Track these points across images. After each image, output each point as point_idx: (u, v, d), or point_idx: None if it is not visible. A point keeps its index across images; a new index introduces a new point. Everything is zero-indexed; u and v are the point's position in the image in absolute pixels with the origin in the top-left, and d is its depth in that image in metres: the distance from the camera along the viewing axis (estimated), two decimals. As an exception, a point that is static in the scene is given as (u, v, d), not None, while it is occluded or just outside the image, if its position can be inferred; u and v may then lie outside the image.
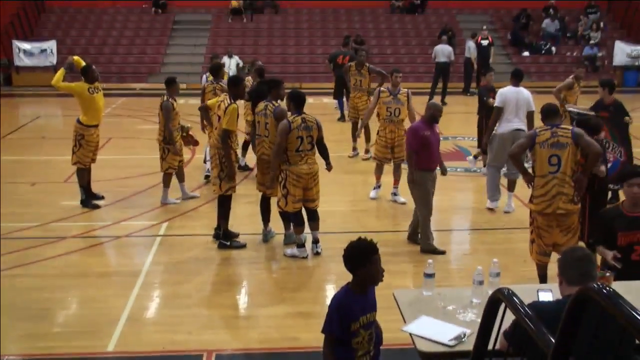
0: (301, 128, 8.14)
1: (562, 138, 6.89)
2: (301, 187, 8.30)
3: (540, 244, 7.08)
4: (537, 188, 7.00)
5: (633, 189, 5.57)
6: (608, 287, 2.57)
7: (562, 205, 6.89)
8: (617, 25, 28.27)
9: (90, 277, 8.00)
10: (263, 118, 8.77)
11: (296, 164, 8.20)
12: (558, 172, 6.89)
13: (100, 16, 27.55)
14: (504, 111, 10.16)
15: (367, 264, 4.31)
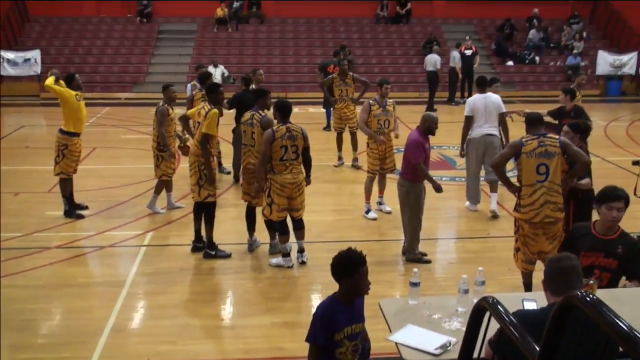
0: (285, 137, 8.12)
1: (550, 147, 6.91)
2: (285, 196, 8.28)
3: (526, 252, 7.09)
4: (524, 197, 7.00)
5: (612, 212, 5.38)
6: (592, 294, 2.58)
7: (550, 214, 6.92)
8: (599, 35, 28.52)
9: (74, 288, 7.95)
10: (249, 127, 8.79)
11: (280, 173, 8.18)
12: (546, 180, 6.91)
13: (84, 25, 27.45)
14: (474, 118, 10.51)
15: (354, 275, 4.31)
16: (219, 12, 27.41)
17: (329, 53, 26.11)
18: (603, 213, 5.43)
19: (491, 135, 10.50)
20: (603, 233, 5.47)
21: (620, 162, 13.85)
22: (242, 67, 25.84)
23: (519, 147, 7.01)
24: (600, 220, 5.52)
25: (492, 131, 10.52)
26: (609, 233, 5.47)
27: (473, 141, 10.61)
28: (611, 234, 5.47)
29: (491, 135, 10.51)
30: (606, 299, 2.53)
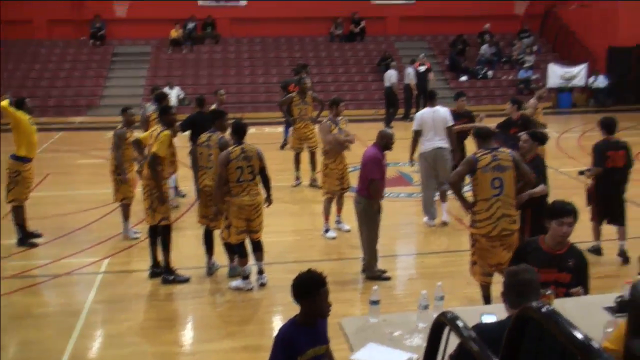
0: (240, 158, 8.08)
1: (503, 161, 7.04)
2: (243, 218, 8.22)
3: (484, 265, 7.15)
4: (481, 212, 7.06)
5: (563, 227, 5.32)
6: (548, 305, 2.58)
7: (506, 227, 7.00)
8: (549, 49, 29.11)
9: (29, 318, 7.76)
10: (206, 149, 8.72)
11: (238, 195, 8.13)
12: (501, 194, 7.00)
13: (36, 49, 27.13)
14: (423, 132, 10.71)
15: (315, 296, 4.27)
16: (173, 34, 27.33)
17: (285, 72, 26.24)
18: (554, 229, 5.34)
19: (441, 148, 10.72)
20: (553, 248, 5.39)
21: (573, 172, 14.04)
22: (197, 88, 25.73)
23: (473, 163, 7.09)
24: (550, 236, 5.41)
25: (442, 144, 10.72)
26: (559, 247, 5.39)
27: (424, 155, 10.80)
28: (561, 248, 5.40)
29: (441, 148, 10.72)
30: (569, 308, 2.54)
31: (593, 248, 9.51)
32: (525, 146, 7.90)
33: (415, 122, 10.98)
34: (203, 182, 8.83)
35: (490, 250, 7.08)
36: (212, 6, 28.03)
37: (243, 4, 28.15)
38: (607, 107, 24.73)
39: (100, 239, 10.43)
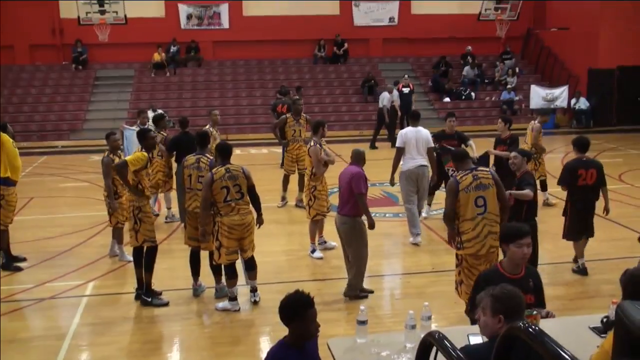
0: (225, 178, 8.09)
1: (484, 179, 7.21)
2: (235, 238, 8.21)
3: (469, 285, 7.07)
4: (467, 232, 7.16)
5: (522, 249, 5.24)
6: (534, 325, 2.61)
7: (493, 244, 7.09)
8: (532, 70, 29.43)
9: (13, 343, 7.67)
10: (195, 171, 8.72)
11: (227, 214, 8.13)
12: (485, 212, 7.15)
13: (18, 74, 27.05)
14: (406, 150, 11.00)
15: (303, 317, 4.24)
16: (156, 57, 27.36)
17: (269, 94, 26.36)
18: (513, 252, 5.27)
19: (423, 166, 11.10)
20: (513, 272, 5.31)
21: (557, 192, 14.16)
22: (181, 110, 25.74)
23: (455, 187, 7.23)
24: (509, 259, 5.35)
25: (424, 162, 11.10)
26: (518, 270, 5.34)
27: (407, 172, 11.05)
28: (520, 270, 5.35)
29: (423, 166, 11.10)
30: (553, 328, 2.57)
31: (578, 268, 9.70)
32: (516, 162, 8.27)
33: (399, 140, 11.20)
34: (192, 204, 8.79)
35: (477, 268, 7.12)
36: (194, 29, 28.11)
37: (226, 27, 28.24)
38: (589, 128, 24.98)
39: (85, 262, 10.38)
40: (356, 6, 28.88)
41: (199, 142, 9.02)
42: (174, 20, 27.88)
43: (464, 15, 28.26)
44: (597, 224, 11.28)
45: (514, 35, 29.03)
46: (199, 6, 28.09)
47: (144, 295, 8.65)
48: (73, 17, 25.51)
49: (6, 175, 9.97)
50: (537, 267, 7.99)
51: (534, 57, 29.64)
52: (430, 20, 28.54)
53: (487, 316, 4.06)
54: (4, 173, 9.96)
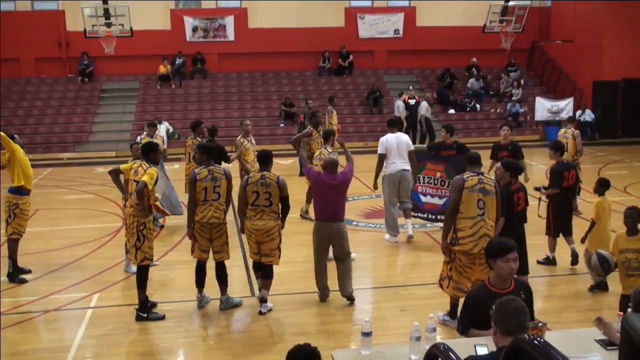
0: (258, 184, 8.53)
1: (488, 185, 7.71)
2: (254, 242, 8.65)
3: (461, 280, 7.66)
4: (465, 229, 7.58)
5: (510, 264, 5.22)
6: (540, 337, 2.60)
7: (485, 246, 6.91)
8: (537, 82, 29.42)
9: (17, 356, 7.67)
10: (211, 183, 8.64)
11: (251, 218, 8.57)
12: (484, 215, 7.62)
13: (24, 87, 27.17)
14: (388, 155, 11.54)
15: None
16: (161, 69, 27.46)
17: (273, 106, 26.43)
18: (500, 267, 5.25)
19: (405, 170, 11.62)
20: (502, 287, 5.27)
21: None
22: (186, 122, 25.76)
23: (461, 184, 7.68)
24: (497, 275, 5.32)
25: (405, 166, 11.63)
26: (507, 285, 5.31)
27: (389, 176, 11.60)
28: (509, 285, 5.32)
29: (405, 170, 11.62)
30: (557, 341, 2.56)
31: (545, 260, 10.47)
32: (498, 173, 8.80)
33: (380, 147, 11.71)
34: (207, 215, 8.61)
35: (471, 267, 7.59)
36: (200, 42, 28.22)
37: (231, 40, 28.35)
38: (594, 140, 24.96)
39: (90, 274, 10.38)
40: (361, 18, 28.95)
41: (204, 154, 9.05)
42: (180, 33, 27.99)
43: (469, 28, 28.29)
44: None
45: (519, 48, 29.05)
46: (205, 18, 28.21)
47: (139, 311, 8.57)
48: (79, 30, 25.64)
49: (20, 184, 10.06)
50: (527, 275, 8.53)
51: (539, 69, 29.66)
52: (435, 32, 28.59)
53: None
54: (18, 182, 10.06)
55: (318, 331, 7.85)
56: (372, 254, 11.41)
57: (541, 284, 9.84)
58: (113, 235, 12.69)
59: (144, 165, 8.66)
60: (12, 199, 10.08)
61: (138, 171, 8.66)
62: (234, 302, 8.92)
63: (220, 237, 8.69)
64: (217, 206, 8.60)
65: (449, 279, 7.77)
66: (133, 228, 8.51)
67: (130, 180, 8.86)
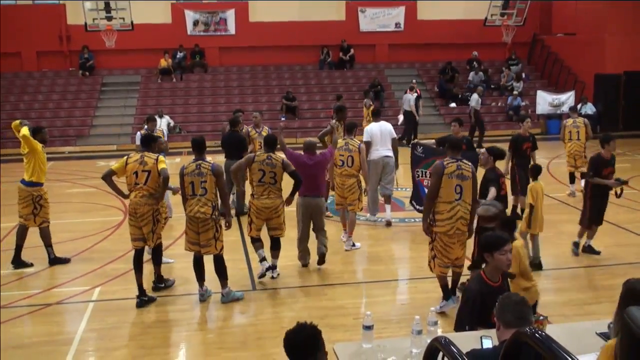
0: (264, 163, 9.28)
1: (465, 171, 8.13)
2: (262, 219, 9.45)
3: (443, 259, 8.24)
4: (443, 212, 8.11)
5: (507, 255, 5.40)
6: (541, 331, 2.60)
7: (460, 227, 8.12)
8: (538, 76, 29.38)
9: (19, 349, 7.69)
10: (197, 178, 8.66)
11: (259, 197, 9.35)
12: (461, 199, 8.10)
13: (25, 81, 27.16)
14: (372, 143, 12.28)
15: (322, 346, 4.00)
16: (162, 63, 27.44)
17: (274, 100, 26.41)
18: (498, 259, 5.38)
19: (387, 157, 12.43)
20: (494, 280, 5.43)
21: (563, 197, 14.17)
22: (187, 116, 25.88)
23: (441, 170, 8.12)
24: (494, 267, 5.44)
25: (388, 153, 12.44)
26: (497, 278, 5.46)
27: (373, 162, 12.27)
28: (498, 278, 5.46)
29: (387, 156, 12.42)
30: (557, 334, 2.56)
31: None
32: (482, 159, 9.17)
33: (365, 135, 12.44)
34: (194, 209, 8.66)
35: (451, 246, 8.18)
36: (201, 35, 28.19)
37: (232, 33, 28.31)
38: (595, 133, 24.88)
39: (91, 268, 10.39)
40: (362, 12, 28.91)
41: (194, 148, 9.01)
42: (181, 27, 27.97)
43: (470, 21, 28.27)
44: (605, 230, 11.30)
45: (520, 41, 29.03)
46: (206, 12, 28.17)
47: (157, 283, 9.31)
48: (80, 24, 25.65)
49: (32, 179, 10.48)
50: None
51: (541, 62, 29.61)
52: (436, 26, 28.56)
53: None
54: (35, 177, 10.49)
55: (319, 325, 7.84)
56: (373, 247, 11.41)
57: (542, 278, 9.84)
58: (115, 228, 12.71)
59: (149, 155, 8.93)
60: (34, 190, 10.46)
61: (145, 162, 8.86)
62: (236, 295, 8.95)
63: (207, 232, 8.66)
64: (205, 201, 8.60)
65: (434, 259, 8.32)
66: (149, 216, 8.86)
67: (138, 172, 8.88)
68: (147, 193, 8.80)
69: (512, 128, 23.47)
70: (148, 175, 8.82)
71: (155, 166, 8.81)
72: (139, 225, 8.89)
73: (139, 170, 8.87)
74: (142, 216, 8.84)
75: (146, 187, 8.82)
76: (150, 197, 8.81)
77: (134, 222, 8.94)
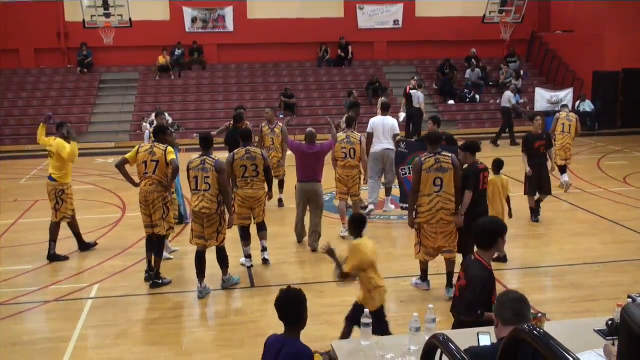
0: (244, 158, 9.62)
1: (444, 163, 8.49)
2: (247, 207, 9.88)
3: (427, 246, 8.76)
4: (423, 205, 8.57)
5: (505, 239, 5.62)
6: (540, 328, 2.61)
7: (444, 217, 8.57)
8: (536, 73, 29.38)
9: (18, 346, 7.69)
10: (202, 173, 8.78)
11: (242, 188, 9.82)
12: (441, 191, 8.50)
13: (24, 78, 27.12)
14: (374, 135, 12.81)
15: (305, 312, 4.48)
16: (161, 60, 27.41)
17: (273, 97, 26.39)
18: (500, 244, 5.60)
19: (389, 149, 12.83)
20: (490, 263, 5.55)
21: (561, 194, 14.19)
22: (186, 113, 25.87)
23: (419, 166, 8.53)
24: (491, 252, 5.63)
25: (389, 146, 12.84)
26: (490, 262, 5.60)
27: (375, 154, 12.78)
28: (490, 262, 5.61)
29: (389, 149, 12.83)
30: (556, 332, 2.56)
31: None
32: (462, 157, 9.15)
33: (369, 126, 13.01)
34: (199, 205, 8.78)
35: (433, 236, 8.66)
36: (199, 32, 28.16)
37: (230, 31, 28.28)
38: (594, 130, 24.93)
39: (89, 265, 10.40)
40: (360, 9, 28.90)
41: (201, 143, 9.07)
42: (179, 24, 27.94)
43: (468, 18, 28.27)
44: (601, 227, 11.31)
45: (519, 38, 29.05)
46: (204, 9, 28.13)
47: (155, 279, 9.40)
48: (78, 21, 25.63)
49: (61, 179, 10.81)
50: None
51: (539, 60, 29.61)
52: (434, 23, 28.56)
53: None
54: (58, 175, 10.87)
55: (317, 322, 7.86)
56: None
57: (541, 275, 9.86)
58: (113, 226, 12.71)
59: (159, 146, 9.37)
60: (58, 185, 10.74)
61: (154, 152, 9.31)
62: (234, 280, 9.34)
63: (211, 226, 8.91)
64: (209, 197, 8.75)
65: (420, 245, 8.85)
66: (159, 202, 9.31)
67: (147, 162, 9.31)
68: (156, 181, 9.28)
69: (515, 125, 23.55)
70: (156, 165, 9.24)
71: (163, 157, 9.25)
72: (149, 213, 9.35)
73: (148, 160, 9.29)
74: (152, 203, 9.30)
75: (154, 177, 9.27)
76: (159, 184, 9.28)
77: (144, 210, 9.40)
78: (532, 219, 12.26)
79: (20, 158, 21.65)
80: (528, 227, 12.18)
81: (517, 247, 10.87)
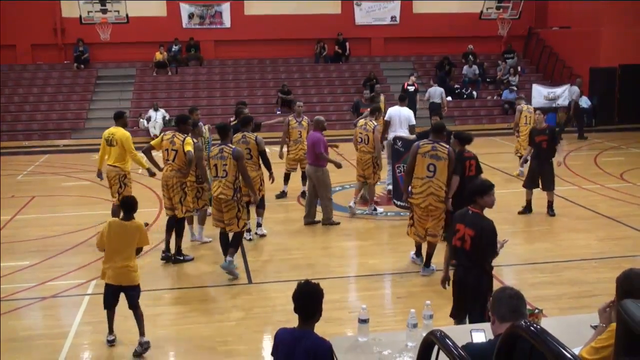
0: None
1: (440, 152, 9.08)
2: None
3: (418, 227, 9.47)
4: (416, 187, 9.26)
5: (492, 197, 6.41)
6: (536, 324, 2.62)
7: (432, 202, 9.22)
8: (533, 69, 29.36)
9: (15, 342, 7.69)
10: (220, 161, 9.47)
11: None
12: (433, 177, 9.12)
13: (20, 73, 27.04)
14: (391, 123, 13.53)
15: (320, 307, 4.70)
16: (158, 56, 27.35)
17: (270, 93, 26.37)
18: (486, 202, 6.39)
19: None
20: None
21: (560, 191, 14.18)
22: (183, 109, 25.62)
23: (415, 149, 9.21)
24: (480, 207, 6.41)
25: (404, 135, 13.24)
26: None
27: (389, 141, 13.35)
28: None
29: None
30: (552, 327, 2.56)
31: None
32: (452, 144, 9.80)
33: (387, 115, 13.81)
34: (218, 191, 9.48)
35: (423, 218, 9.36)
36: (196, 28, 28.10)
37: (227, 27, 28.23)
38: (591, 127, 24.93)
39: (87, 261, 10.38)
40: (358, 5, 28.84)
41: (219, 132, 9.78)
42: (176, 20, 27.86)
43: (465, 14, 28.25)
44: (598, 223, 11.33)
45: (516, 34, 29.04)
46: (201, 5, 28.06)
47: (177, 256, 10.18)
48: (75, 16, 25.57)
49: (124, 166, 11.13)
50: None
51: (536, 56, 29.59)
52: (432, 19, 28.51)
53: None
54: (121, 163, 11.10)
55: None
56: (369, 241, 11.44)
57: (537, 271, 9.87)
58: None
59: (178, 136, 10.13)
60: (120, 171, 11.09)
61: (174, 141, 10.11)
62: (234, 269, 9.47)
63: (229, 212, 9.48)
64: (226, 183, 9.40)
65: (412, 226, 9.57)
66: (177, 187, 10.10)
67: (168, 150, 10.14)
68: (175, 167, 10.10)
69: (508, 121, 23.54)
70: (175, 154, 10.08)
71: (181, 147, 10.01)
72: (170, 196, 10.16)
73: (169, 148, 10.15)
74: (172, 187, 10.10)
75: (174, 164, 10.10)
76: (178, 171, 10.09)
77: (165, 193, 10.28)
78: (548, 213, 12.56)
79: (17, 154, 21.64)
80: (525, 223, 12.20)
81: (514, 244, 10.86)
